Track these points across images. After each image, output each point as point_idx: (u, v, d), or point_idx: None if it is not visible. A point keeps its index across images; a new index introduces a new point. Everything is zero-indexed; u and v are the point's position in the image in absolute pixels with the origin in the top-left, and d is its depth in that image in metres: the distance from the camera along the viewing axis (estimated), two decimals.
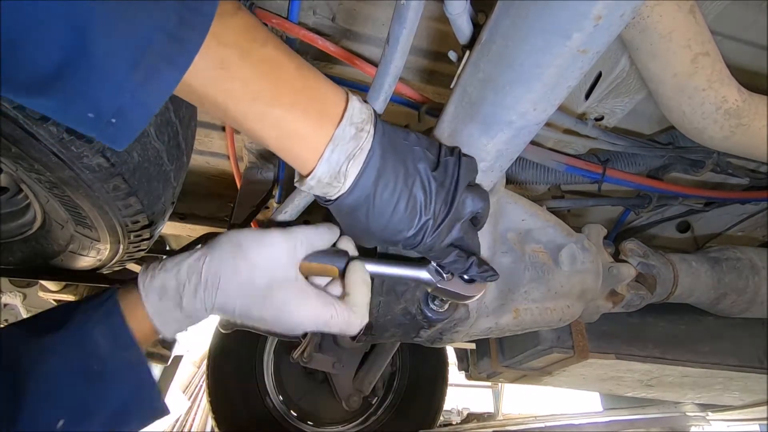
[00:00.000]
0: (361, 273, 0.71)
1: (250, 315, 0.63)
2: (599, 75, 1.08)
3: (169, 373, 3.13)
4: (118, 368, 0.58)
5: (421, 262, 0.76)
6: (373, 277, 0.73)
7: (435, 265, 0.74)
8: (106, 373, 0.57)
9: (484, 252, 0.90)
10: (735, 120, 0.94)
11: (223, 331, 2.48)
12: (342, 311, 0.66)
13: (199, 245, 0.65)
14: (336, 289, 0.71)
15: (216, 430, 2.43)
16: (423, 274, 0.74)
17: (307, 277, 0.69)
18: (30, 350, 0.55)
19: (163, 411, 0.63)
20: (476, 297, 0.75)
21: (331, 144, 0.56)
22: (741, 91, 0.93)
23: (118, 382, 0.58)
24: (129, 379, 0.59)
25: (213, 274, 0.61)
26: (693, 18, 0.86)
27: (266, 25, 1.05)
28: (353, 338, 0.80)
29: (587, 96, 1.13)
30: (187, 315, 0.61)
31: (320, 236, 0.70)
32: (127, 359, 0.58)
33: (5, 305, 2.68)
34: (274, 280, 0.63)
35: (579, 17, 0.49)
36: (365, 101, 0.65)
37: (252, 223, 1.61)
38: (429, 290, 0.81)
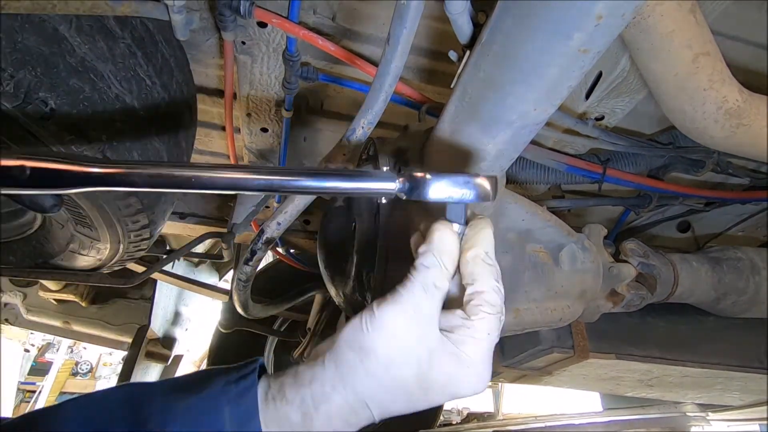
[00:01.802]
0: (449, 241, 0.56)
1: (415, 408, 0.55)
2: (600, 75, 1.08)
3: (169, 373, 3.13)
4: None
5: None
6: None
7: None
8: None
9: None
10: (736, 120, 0.93)
11: (223, 330, 2.48)
12: (486, 317, 0.54)
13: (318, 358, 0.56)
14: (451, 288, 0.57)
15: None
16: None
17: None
18: (162, 410, 0.53)
19: None
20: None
21: None
22: (742, 91, 0.93)
23: None
24: None
25: (354, 398, 0.53)
26: (694, 18, 0.86)
27: (266, 25, 1.05)
28: None
29: (588, 95, 1.13)
30: None
31: (442, 271, 0.54)
32: None
33: (5, 304, 2.68)
34: (421, 362, 0.53)
35: (580, 17, 0.49)
36: None
37: (252, 223, 1.61)
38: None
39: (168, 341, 2.97)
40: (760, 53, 1.04)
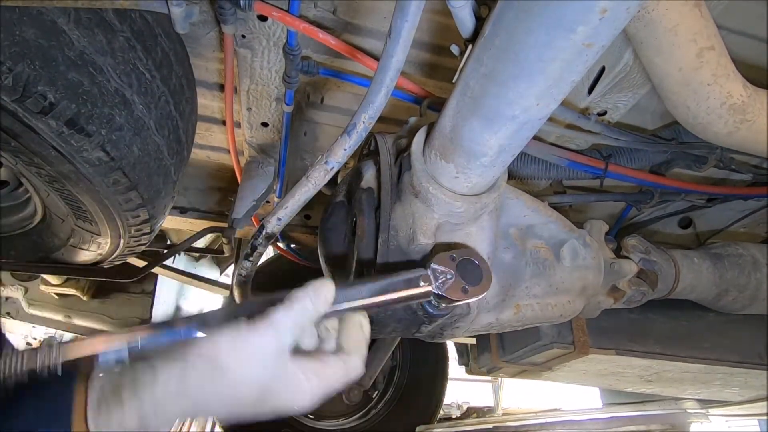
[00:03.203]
0: (355, 324, 0.66)
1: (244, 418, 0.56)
2: (602, 69, 1.07)
3: None
4: None
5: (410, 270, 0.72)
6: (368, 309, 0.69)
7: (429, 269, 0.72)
8: None
9: (486, 248, 0.89)
10: (740, 115, 0.93)
11: None
12: (339, 369, 0.60)
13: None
14: (330, 342, 0.66)
15: (217, 423, 2.44)
16: (417, 290, 0.70)
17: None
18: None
19: None
20: (476, 298, 0.75)
21: None
22: (746, 86, 0.92)
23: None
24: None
25: (194, 404, 0.52)
26: (698, 12, 0.85)
27: (266, 18, 1.04)
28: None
29: (590, 90, 1.12)
30: None
31: (308, 309, 0.60)
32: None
33: (6, 298, 2.68)
34: (265, 386, 0.55)
35: (584, 10, 0.49)
36: None
37: (252, 218, 1.61)
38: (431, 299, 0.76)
39: None
40: (765, 48, 1.03)
